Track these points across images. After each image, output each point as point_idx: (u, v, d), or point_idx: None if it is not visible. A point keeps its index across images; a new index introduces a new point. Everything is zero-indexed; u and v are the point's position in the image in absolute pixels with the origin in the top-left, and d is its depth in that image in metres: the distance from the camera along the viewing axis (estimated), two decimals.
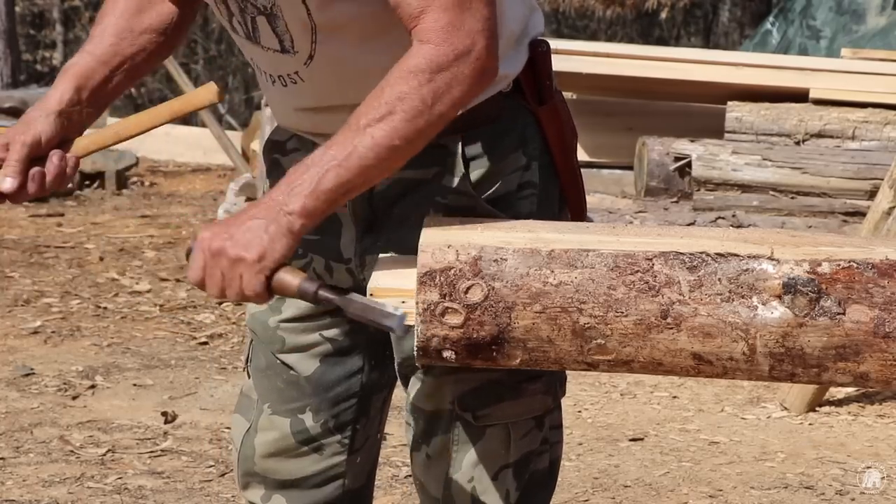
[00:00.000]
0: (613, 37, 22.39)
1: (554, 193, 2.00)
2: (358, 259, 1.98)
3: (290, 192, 1.74)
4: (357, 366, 2.09)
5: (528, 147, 1.95)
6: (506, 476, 2.00)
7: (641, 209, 6.21)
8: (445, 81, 1.75)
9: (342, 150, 1.75)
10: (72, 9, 24.12)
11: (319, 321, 2.06)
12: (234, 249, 1.73)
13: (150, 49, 2.01)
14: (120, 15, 2.00)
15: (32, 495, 3.74)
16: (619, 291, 1.69)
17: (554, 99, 1.99)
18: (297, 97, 1.94)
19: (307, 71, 1.90)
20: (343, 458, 2.11)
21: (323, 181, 1.75)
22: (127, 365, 5.13)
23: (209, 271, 1.75)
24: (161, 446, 4.19)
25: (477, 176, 1.92)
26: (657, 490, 3.94)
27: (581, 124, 7.24)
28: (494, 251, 1.72)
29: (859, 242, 1.76)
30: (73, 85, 1.95)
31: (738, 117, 6.60)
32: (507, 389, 1.96)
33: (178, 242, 7.82)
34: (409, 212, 1.92)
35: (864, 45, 9.45)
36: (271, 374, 2.10)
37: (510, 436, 1.99)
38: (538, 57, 1.96)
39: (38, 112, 1.92)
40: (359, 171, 1.75)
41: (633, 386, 5.00)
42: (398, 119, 1.75)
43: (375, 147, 1.75)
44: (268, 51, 1.91)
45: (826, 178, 6.26)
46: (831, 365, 1.69)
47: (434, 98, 1.75)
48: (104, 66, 1.97)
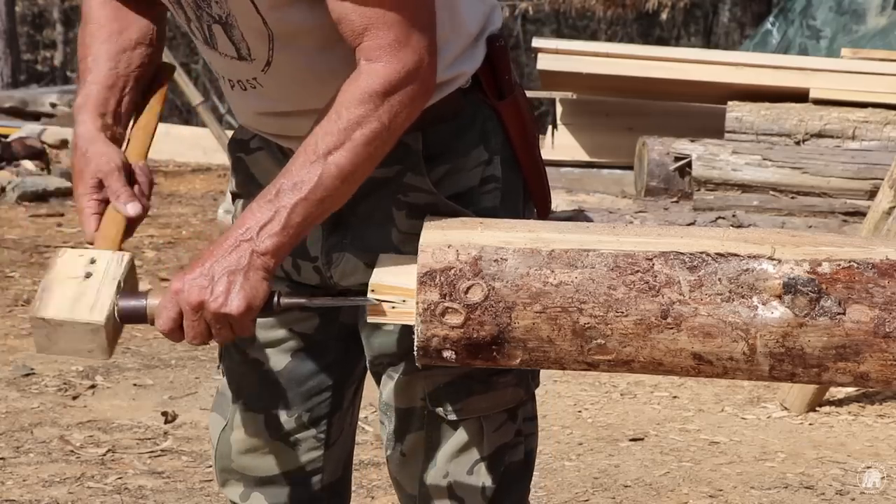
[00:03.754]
0: (613, 37, 22.40)
1: (517, 187, 2.00)
2: (325, 257, 1.99)
3: (260, 233, 1.76)
4: (328, 360, 2.09)
5: (490, 142, 1.96)
6: (480, 469, 2.00)
7: (641, 209, 6.21)
8: (399, 101, 1.77)
9: (306, 182, 1.76)
10: (72, 9, 24.12)
11: (289, 316, 2.06)
12: (217, 304, 1.76)
13: (145, 62, 2.03)
14: (105, 40, 2.01)
15: (32, 495, 3.74)
16: (619, 291, 1.69)
17: (514, 93, 1.99)
18: (257, 101, 1.95)
19: (265, 77, 1.90)
20: (320, 452, 2.12)
21: (292, 217, 1.76)
22: (127, 365, 5.13)
23: (190, 323, 1.78)
24: (161, 446, 4.19)
25: (439, 173, 1.92)
26: (657, 490, 3.94)
27: (581, 124, 7.26)
28: (494, 251, 1.72)
29: (859, 242, 1.76)
30: (98, 114, 1.96)
31: (738, 117, 6.61)
32: (478, 383, 1.97)
33: (178, 242, 7.82)
34: (372, 210, 1.93)
35: (864, 45, 9.46)
36: (244, 370, 2.11)
37: (483, 429, 1.99)
38: (496, 52, 1.96)
39: (93, 145, 1.93)
40: (325, 200, 1.77)
41: (633, 386, 5.00)
42: (359, 143, 1.76)
43: (339, 175, 1.77)
44: (225, 57, 1.92)
45: (826, 178, 6.27)
46: (831, 365, 1.69)
47: (391, 118, 1.77)
48: (113, 91, 1.98)
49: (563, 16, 21.23)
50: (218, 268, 1.76)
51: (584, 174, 7.38)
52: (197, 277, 1.76)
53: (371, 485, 3.88)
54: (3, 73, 17.53)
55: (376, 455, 4.08)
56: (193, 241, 8.01)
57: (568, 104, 7.69)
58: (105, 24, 2.02)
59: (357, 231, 1.95)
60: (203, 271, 1.76)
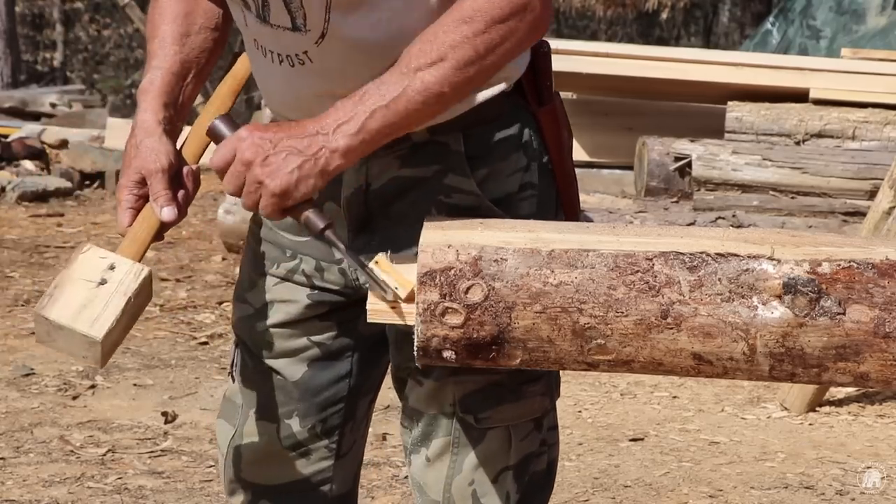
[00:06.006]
0: (613, 37, 22.41)
1: (552, 195, 1.99)
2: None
3: (336, 129, 1.74)
4: (345, 370, 2.07)
5: (529, 148, 1.95)
6: (506, 478, 1.99)
7: (641, 209, 6.21)
8: (500, 34, 1.74)
9: (391, 90, 1.74)
10: (72, 9, 24.13)
11: (308, 325, 2.04)
12: (262, 172, 1.75)
13: (209, 47, 2.01)
14: (172, 21, 1.99)
15: (32, 495, 3.74)
16: (619, 291, 1.69)
17: (553, 101, 1.98)
18: (303, 79, 1.90)
19: (317, 50, 1.86)
20: (330, 462, 2.10)
21: (369, 122, 1.74)
22: (127, 365, 5.13)
23: (233, 170, 1.77)
24: (161, 446, 4.19)
25: (481, 176, 1.91)
26: (657, 490, 3.94)
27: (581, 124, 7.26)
28: (494, 251, 1.71)
29: (859, 242, 1.76)
30: (162, 103, 1.95)
31: (738, 117, 6.60)
32: (508, 391, 1.95)
33: (178, 242, 7.82)
34: (407, 210, 1.91)
35: (864, 45, 9.45)
36: (258, 379, 2.08)
37: (511, 438, 1.98)
38: (539, 58, 1.95)
39: (148, 137, 1.92)
40: (404, 115, 1.75)
41: (633, 386, 5.00)
42: (449, 66, 1.74)
43: (424, 91, 1.74)
44: (277, 28, 1.87)
45: (826, 178, 6.26)
46: (831, 365, 1.69)
47: (487, 49, 1.75)
48: (177, 77, 1.97)
49: (563, 16, 21.22)
50: (286, 142, 1.75)
51: (583, 174, 7.36)
52: (263, 138, 1.76)
53: (371, 485, 3.88)
54: (3, 73, 17.52)
55: (376, 455, 4.08)
56: (193, 241, 8.01)
57: (568, 104, 7.66)
58: (171, 2, 2.01)
59: (387, 233, 1.92)
60: (271, 137, 1.76)
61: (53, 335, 1.79)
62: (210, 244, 7.88)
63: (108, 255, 1.83)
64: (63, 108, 12.78)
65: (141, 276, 1.81)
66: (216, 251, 7.60)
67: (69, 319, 1.77)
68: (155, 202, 1.88)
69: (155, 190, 1.88)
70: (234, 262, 7.21)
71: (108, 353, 1.80)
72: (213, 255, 7.53)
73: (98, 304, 1.78)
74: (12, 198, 9.13)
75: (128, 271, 1.81)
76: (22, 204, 9.05)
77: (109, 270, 1.81)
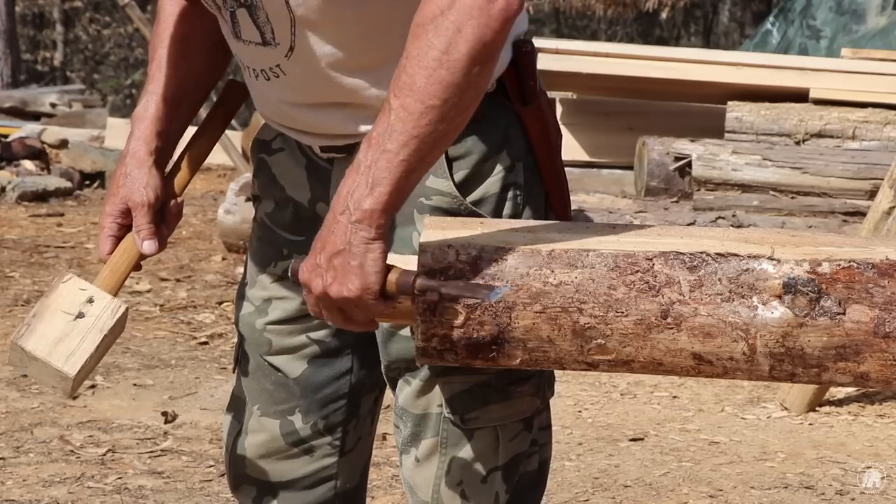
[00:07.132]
0: (613, 37, 22.41)
1: (539, 194, 1.98)
2: None
3: (350, 201, 1.67)
4: (345, 367, 2.08)
5: (512, 148, 1.93)
6: (495, 478, 1.98)
7: (641, 209, 6.21)
8: (454, 21, 1.65)
9: (384, 134, 1.66)
10: (72, 9, 24.13)
11: (306, 323, 2.05)
12: (337, 293, 1.68)
13: (208, 69, 2.03)
14: (170, 44, 2.00)
15: (32, 495, 3.74)
16: (619, 291, 1.69)
17: (539, 99, 1.96)
18: (280, 92, 1.91)
19: (288, 64, 1.87)
20: (334, 459, 2.11)
21: (375, 173, 1.66)
22: (127, 365, 5.13)
23: (325, 312, 1.72)
24: (161, 446, 4.19)
25: (461, 177, 1.90)
26: (657, 490, 3.94)
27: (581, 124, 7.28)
28: (494, 251, 1.71)
29: (859, 242, 1.76)
30: (155, 131, 1.97)
31: (738, 117, 6.60)
32: (496, 392, 1.95)
33: (178, 242, 7.82)
34: None
35: (864, 45, 9.45)
36: (260, 375, 2.10)
37: (499, 438, 1.97)
38: (522, 57, 1.93)
39: (137, 169, 1.95)
40: (410, 146, 1.66)
41: (633, 386, 5.00)
42: (419, 80, 1.66)
43: (414, 114, 1.66)
44: (249, 44, 1.88)
45: (826, 178, 6.27)
46: (831, 365, 1.69)
47: (448, 44, 1.65)
48: (172, 104, 1.98)
49: (563, 15, 21.23)
50: (325, 254, 1.69)
51: (583, 174, 7.37)
52: (312, 267, 1.70)
53: (371, 485, 3.87)
54: (3, 73, 17.53)
55: (376, 455, 4.07)
56: (193, 241, 8.01)
57: (568, 104, 7.68)
58: (170, 25, 2.02)
59: None
60: (315, 260, 1.70)
61: (27, 363, 1.83)
62: (210, 244, 7.88)
63: (88, 288, 1.86)
64: (63, 107, 12.79)
65: (118, 314, 1.85)
66: (216, 251, 7.61)
67: (44, 353, 1.81)
68: (137, 234, 1.93)
69: (139, 223, 1.93)
70: (234, 262, 7.22)
71: (78, 385, 1.84)
72: (213, 255, 7.53)
73: (74, 338, 1.82)
74: (12, 198, 9.13)
75: (105, 307, 1.85)
76: (22, 204, 9.06)
77: (88, 304, 1.84)
